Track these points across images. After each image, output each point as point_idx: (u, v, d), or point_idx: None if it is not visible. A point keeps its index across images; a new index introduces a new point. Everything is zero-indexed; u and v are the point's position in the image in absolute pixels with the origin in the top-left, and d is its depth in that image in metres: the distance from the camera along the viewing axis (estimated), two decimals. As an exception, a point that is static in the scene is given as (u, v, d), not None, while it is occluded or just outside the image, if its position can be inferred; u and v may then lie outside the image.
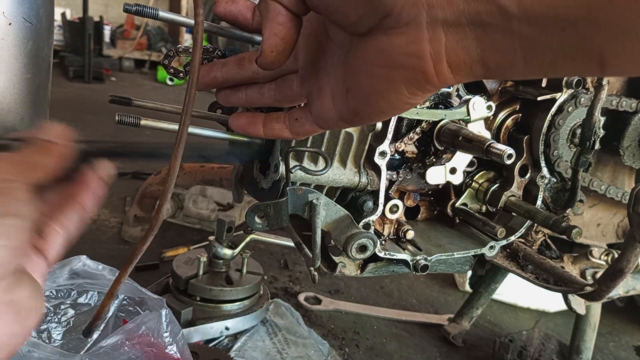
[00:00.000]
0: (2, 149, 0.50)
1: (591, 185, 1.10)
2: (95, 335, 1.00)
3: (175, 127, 0.78)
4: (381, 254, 0.87)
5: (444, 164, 0.95)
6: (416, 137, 0.92)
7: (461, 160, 0.95)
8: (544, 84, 0.98)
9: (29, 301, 0.43)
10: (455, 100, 0.93)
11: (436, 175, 0.94)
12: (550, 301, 1.97)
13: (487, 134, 0.94)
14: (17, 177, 0.45)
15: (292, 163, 0.82)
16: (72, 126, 0.54)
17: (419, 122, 0.92)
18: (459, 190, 1.04)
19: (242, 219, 2.17)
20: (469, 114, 0.90)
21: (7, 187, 0.44)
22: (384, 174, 0.86)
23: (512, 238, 1.02)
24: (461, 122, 0.92)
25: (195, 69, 0.60)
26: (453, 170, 0.95)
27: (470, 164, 0.98)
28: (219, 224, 1.44)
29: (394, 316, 1.76)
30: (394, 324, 1.73)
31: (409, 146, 0.94)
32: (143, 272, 1.82)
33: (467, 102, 0.90)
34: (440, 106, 0.92)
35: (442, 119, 0.91)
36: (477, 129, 0.93)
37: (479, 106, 0.90)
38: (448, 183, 0.97)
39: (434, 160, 0.95)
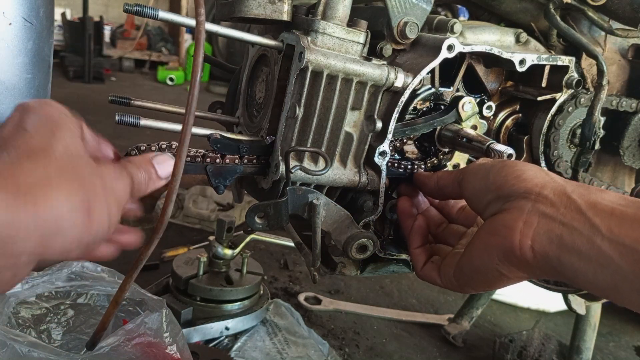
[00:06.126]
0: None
1: (591, 185, 1.10)
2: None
3: (175, 127, 0.78)
4: (381, 254, 0.87)
5: (445, 164, 0.95)
6: (415, 137, 0.93)
7: (462, 155, 0.95)
8: (544, 84, 0.98)
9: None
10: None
11: None
12: (550, 301, 1.97)
13: (483, 126, 0.93)
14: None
15: (292, 163, 0.82)
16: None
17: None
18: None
19: (242, 219, 2.17)
20: (460, 116, 0.90)
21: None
22: (384, 173, 0.86)
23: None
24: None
25: (197, 68, 0.60)
26: (456, 167, 0.95)
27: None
28: (219, 224, 1.44)
29: (394, 316, 1.76)
30: (394, 324, 1.73)
31: (409, 146, 0.94)
32: (143, 272, 1.80)
33: (455, 103, 0.90)
34: (441, 106, 0.92)
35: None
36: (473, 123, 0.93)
37: (468, 106, 0.90)
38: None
39: (435, 161, 0.95)
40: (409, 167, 0.92)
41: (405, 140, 0.93)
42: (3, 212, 0.42)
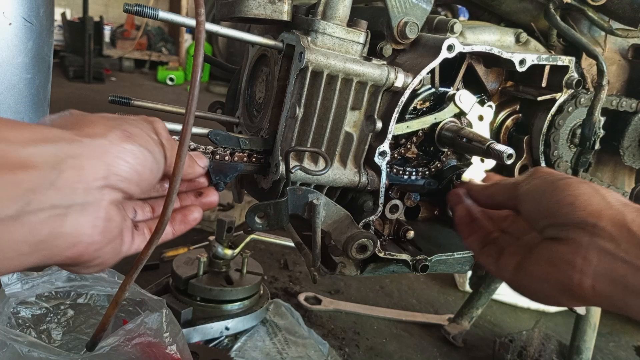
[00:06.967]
0: None
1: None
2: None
3: (175, 127, 0.78)
4: (381, 254, 0.87)
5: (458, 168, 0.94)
6: (419, 140, 0.92)
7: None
8: (544, 84, 0.98)
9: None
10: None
11: (474, 172, 0.93)
12: (550, 301, 1.97)
13: (485, 127, 0.93)
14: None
15: (292, 163, 0.82)
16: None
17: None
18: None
19: (242, 219, 2.17)
20: (459, 109, 0.89)
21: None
22: (384, 173, 0.86)
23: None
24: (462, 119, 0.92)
25: (197, 68, 0.60)
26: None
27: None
28: (219, 224, 1.44)
29: (394, 316, 1.76)
30: (394, 324, 1.73)
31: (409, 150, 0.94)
32: (143, 272, 1.80)
33: (452, 98, 0.89)
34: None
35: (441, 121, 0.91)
36: (476, 123, 0.92)
37: (465, 97, 0.89)
38: (448, 184, 0.97)
39: (438, 165, 0.94)
40: (414, 173, 0.92)
41: (409, 147, 0.93)
42: (69, 145, 0.49)
